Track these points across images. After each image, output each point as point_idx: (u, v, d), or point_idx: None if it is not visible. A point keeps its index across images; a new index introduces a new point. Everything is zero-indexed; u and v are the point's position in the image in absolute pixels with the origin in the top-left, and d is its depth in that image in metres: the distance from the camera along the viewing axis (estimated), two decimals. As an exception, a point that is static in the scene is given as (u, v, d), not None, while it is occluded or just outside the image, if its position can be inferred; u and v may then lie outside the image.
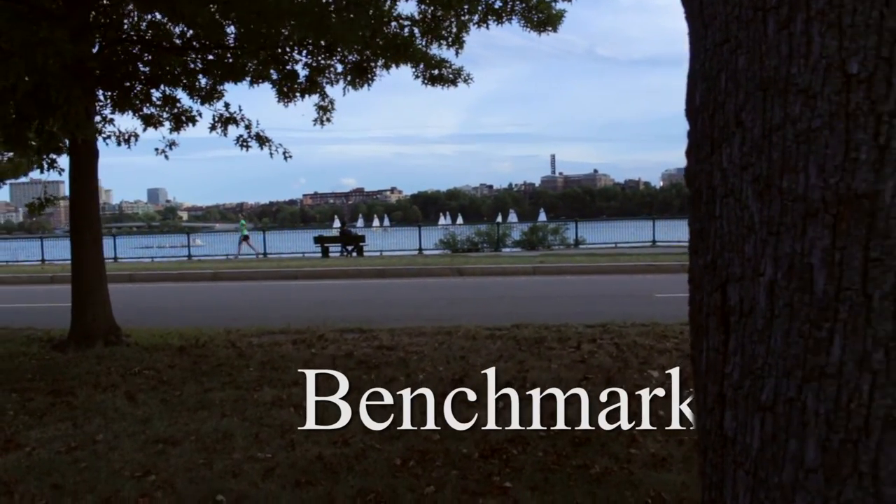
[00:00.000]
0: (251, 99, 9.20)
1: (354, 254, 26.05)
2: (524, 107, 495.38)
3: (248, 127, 8.70)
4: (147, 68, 8.67)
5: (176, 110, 9.05)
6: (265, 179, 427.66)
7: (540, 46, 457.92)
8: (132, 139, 9.07)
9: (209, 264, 23.41)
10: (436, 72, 8.99)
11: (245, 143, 8.52)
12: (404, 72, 8.99)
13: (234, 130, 9.15)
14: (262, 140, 8.68)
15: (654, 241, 29.86)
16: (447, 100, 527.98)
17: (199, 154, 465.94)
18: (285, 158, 8.82)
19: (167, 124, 9.09)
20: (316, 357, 7.15)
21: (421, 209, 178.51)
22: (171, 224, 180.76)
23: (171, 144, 9.11)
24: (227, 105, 8.86)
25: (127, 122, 53.38)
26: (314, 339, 8.04)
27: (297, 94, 9.35)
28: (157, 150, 9.02)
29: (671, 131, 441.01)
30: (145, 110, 9.09)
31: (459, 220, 70.89)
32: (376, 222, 74.28)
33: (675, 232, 31.36)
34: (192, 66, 8.87)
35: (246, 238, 29.43)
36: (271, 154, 8.64)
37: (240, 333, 8.53)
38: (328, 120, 9.52)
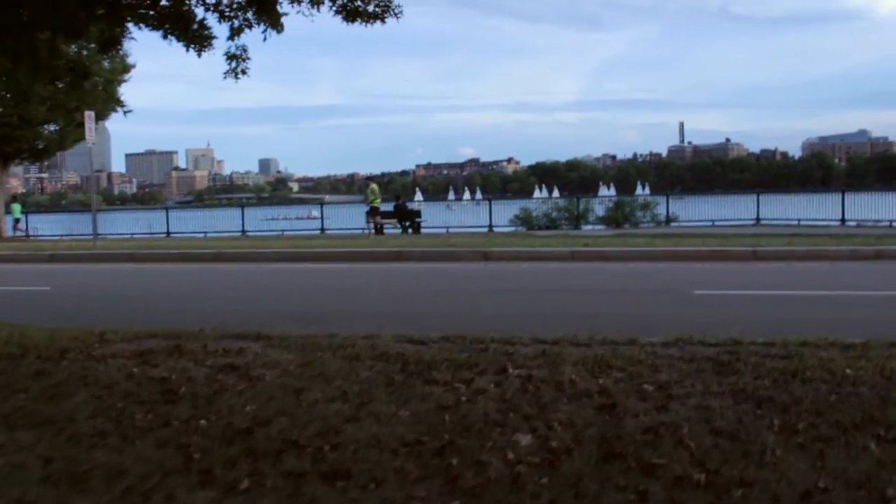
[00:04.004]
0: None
1: (410, 230, 24.31)
2: (651, 71, 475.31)
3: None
4: None
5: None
6: (379, 149, 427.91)
7: (668, 4, 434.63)
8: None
9: (214, 243, 21.69)
10: (357, 3, 7.00)
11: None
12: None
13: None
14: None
15: (757, 219, 26.53)
16: (569, 65, 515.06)
17: (312, 123, 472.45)
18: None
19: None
20: (121, 382, 5.36)
21: (539, 180, 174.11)
22: (280, 195, 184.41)
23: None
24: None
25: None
26: (168, 349, 6.26)
27: (209, 43, 7.75)
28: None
29: (815, 96, 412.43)
30: None
31: (555, 193, 67.58)
32: (467, 195, 72.28)
33: (796, 208, 27.78)
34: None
35: (17, 221, 29.42)
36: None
37: (101, 337, 6.86)
38: (243, 72, 7.80)
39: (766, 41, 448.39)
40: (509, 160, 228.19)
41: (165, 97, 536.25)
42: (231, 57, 7.70)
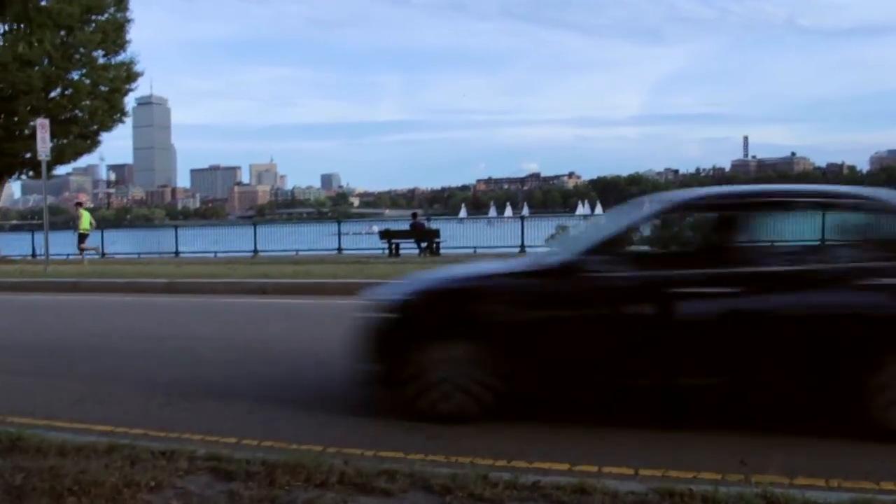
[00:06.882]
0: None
1: (427, 252, 21.82)
2: (715, 85, 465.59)
3: None
4: None
5: None
6: (442, 164, 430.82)
7: (732, 18, 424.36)
8: None
9: (186, 269, 17.27)
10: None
11: None
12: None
13: None
14: None
15: (822, 240, 23.14)
16: (631, 79, 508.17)
17: (375, 138, 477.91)
18: None
19: None
20: None
21: (600, 195, 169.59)
22: (341, 210, 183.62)
23: None
24: None
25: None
26: None
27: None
28: None
29: (884, 108, 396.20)
30: None
31: (598, 209, 64.06)
32: (509, 211, 69.10)
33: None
34: None
35: None
36: None
37: None
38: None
39: (834, 53, 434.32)
40: (570, 175, 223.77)
41: (231, 113, 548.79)
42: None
